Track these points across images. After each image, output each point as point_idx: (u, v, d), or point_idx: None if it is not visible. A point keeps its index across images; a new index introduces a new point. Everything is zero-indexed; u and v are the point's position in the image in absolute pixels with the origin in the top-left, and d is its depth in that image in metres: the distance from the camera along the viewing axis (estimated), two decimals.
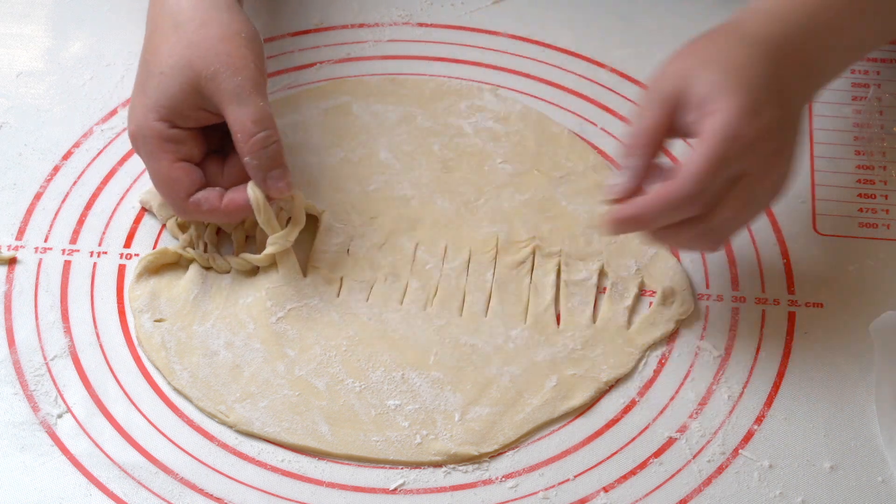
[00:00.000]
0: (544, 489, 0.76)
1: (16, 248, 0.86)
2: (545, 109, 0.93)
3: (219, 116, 0.81)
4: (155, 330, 0.82)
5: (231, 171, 0.83)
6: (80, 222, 0.87)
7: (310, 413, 0.78)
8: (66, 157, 0.90)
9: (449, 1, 1.00)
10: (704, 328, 0.83)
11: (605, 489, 0.76)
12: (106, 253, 0.86)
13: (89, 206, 0.88)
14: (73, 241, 0.86)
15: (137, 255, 0.86)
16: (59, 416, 0.78)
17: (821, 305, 0.83)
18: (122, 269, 0.85)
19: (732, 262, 0.86)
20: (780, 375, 0.80)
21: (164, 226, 0.87)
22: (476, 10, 1.00)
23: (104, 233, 0.87)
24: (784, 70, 0.75)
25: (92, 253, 0.86)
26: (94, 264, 0.85)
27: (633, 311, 0.83)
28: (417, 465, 0.77)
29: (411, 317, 0.82)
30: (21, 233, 0.87)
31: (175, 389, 0.79)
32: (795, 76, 0.75)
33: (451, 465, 0.77)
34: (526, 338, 0.81)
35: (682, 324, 0.83)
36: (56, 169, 0.90)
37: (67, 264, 0.85)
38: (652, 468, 0.77)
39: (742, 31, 0.76)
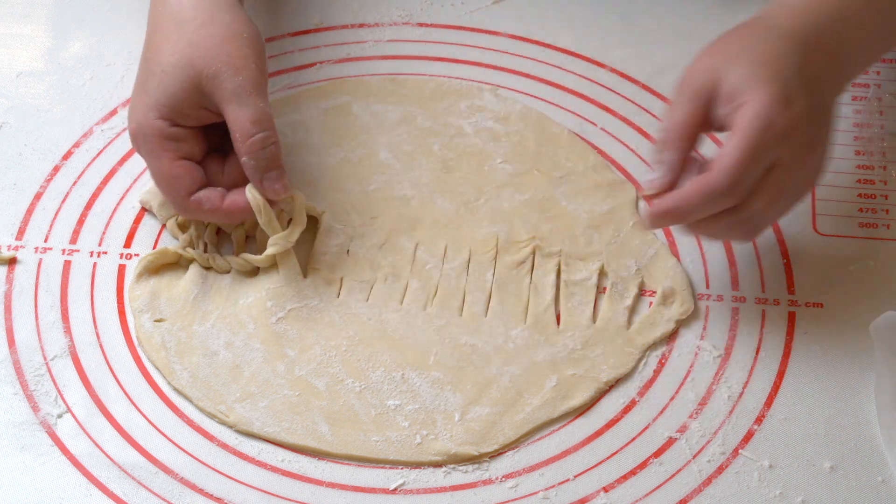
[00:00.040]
0: (544, 489, 0.76)
1: (16, 248, 0.86)
2: (545, 109, 0.93)
3: (219, 115, 0.81)
4: (155, 330, 0.81)
5: (231, 170, 0.83)
6: (80, 222, 0.87)
7: (310, 413, 0.78)
8: (66, 157, 0.90)
9: (449, 1, 1.00)
10: (704, 328, 0.83)
11: (605, 489, 0.76)
12: (106, 253, 0.86)
13: (89, 206, 0.88)
14: (73, 241, 0.86)
15: (137, 255, 0.86)
16: (59, 416, 0.78)
17: (821, 305, 0.83)
18: (122, 269, 0.85)
19: (732, 262, 0.86)
20: (780, 375, 0.80)
21: (164, 226, 0.87)
22: (476, 10, 1.00)
23: (104, 233, 0.87)
24: (813, 62, 0.76)
25: (92, 253, 0.86)
26: (94, 264, 0.85)
27: (633, 311, 0.83)
28: (417, 465, 0.77)
29: (411, 317, 0.82)
30: (21, 233, 0.86)
31: (175, 389, 0.79)
32: (825, 68, 0.77)
33: (451, 465, 0.77)
34: (526, 338, 0.81)
35: (682, 324, 0.83)
36: (56, 169, 0.90)
37: (67, 264, 0.85)
38: (652, 468, 0.77)
39: (770, 25, 0.78)
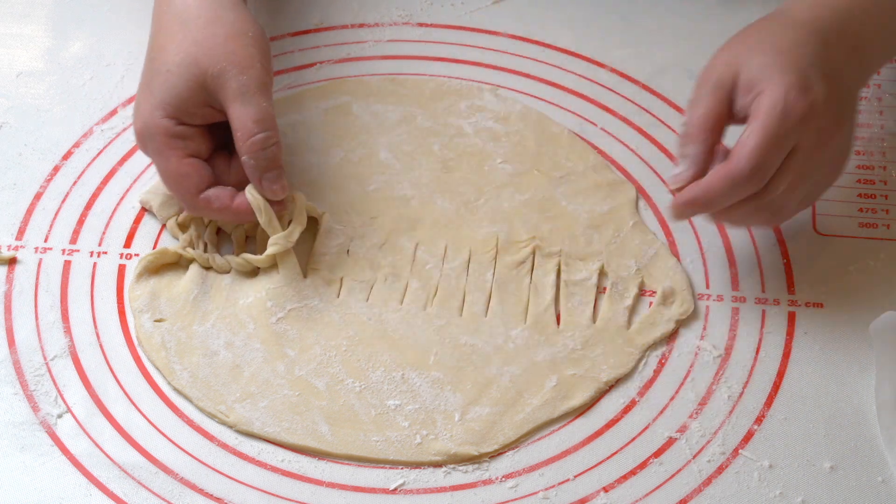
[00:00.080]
0: (544, 489, 0.76)
1: (16, 248, 0.86)
2: (545, 109, 0.93)
3: (224, 114, 0.81)
4: (155, 330, 0.81)
5: (238, 168, 0.83)
6: (80, 222, 0.87)
7: (310, 413, 0.78)
8: (66, 157, 0.90)
9: (449, 1, 1.00)
10: (704, 328, 0.83)
11: (605, 489, 0.76)
12: (106, 253, 0.86)
13: (89, 206, 0.88)
14: (73, 241, 0.86)
15: (137, 255, 0.86)
16: (59, 416, 0.78)
17: (821, 305, 0.83)
18: (122, 269, 0.85)
19: (732, 262, 0.86)
20: (780, 375, 0.80)
21: (164, 226, 0.87)
22: (476, 10, 1.00)
23: (104, 233, 0.87)
24: (832, 51, 0.77)
25: (92, 253, 0.86)
26: (94, 264, 0.85)
27: (633, 311, 0.83)
28: (417, 465, 0.77)
29: (411, 317, 0.82)
30: (21, 233, 0.86)
31: (175, 389, 0.79)
32: (844, 57, 0.78)
33: (451, 465, 0.77)
34: (526, 338, 0.81)
35: (682, 324, 0.83)
36: (56, 169, 0.90)
37: (67, 264, 0.85)
38: (652, 468, 0.77)
39: (788, 18, 0.79)
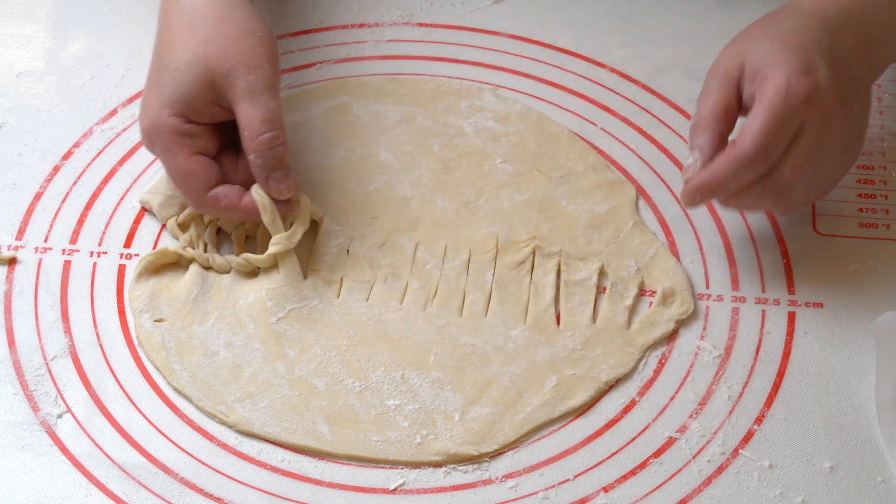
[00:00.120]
0: (544, 489, 0.76)
1: (16, 248, 0.86)
2: (545, 109, 0.93)
3: (232, 113, 0.81)
4: (155, 330, 0.81)
5: (245, 167, 0.83)
6: (80, 222, 0.87)
7: (310, 413, 0.78)
8: (66, 157, 0.90)
9: (449, 1, 1.00)
10: (704, 328, 0.83)
11: (605, 489, 0.76)
12: (106, 253, 0.86)
13: (89, 206, 0.88)
14: (73, 241, 0.86)
15: (137, 255, 0.86)
16: (59, 416, 0.78)
17: (821, 305, 0.83)
18: (122, 269, 0.85)
19: (732, 262, 0.86)
20: (780, 375, 0.80)
21: (164, 226, 0.87)
22: (476, 10, 1.00)
23: (104, 233, 0.87)
24: (838, 39, 0.78)
25: (92, 253, 0.86)
26: (94, 264, 0.85)
27: (633, 311, 0.83)
28: (417, 465, 0.77)
29: (411, 317, 0.82)
30: (21, 233, 0.86)
31: (175, 389, 0.79)
32: (851, 45, 0.79)
33: (451, 465, 0.77)
34: (526, 338, 0.81)
35: (682, 324, 0.83)
36: (56, 169, 0.90)
37: (67, 264, 0.85)
38: (652, 468, 0.77)
39: (794, 9, 0.81)
